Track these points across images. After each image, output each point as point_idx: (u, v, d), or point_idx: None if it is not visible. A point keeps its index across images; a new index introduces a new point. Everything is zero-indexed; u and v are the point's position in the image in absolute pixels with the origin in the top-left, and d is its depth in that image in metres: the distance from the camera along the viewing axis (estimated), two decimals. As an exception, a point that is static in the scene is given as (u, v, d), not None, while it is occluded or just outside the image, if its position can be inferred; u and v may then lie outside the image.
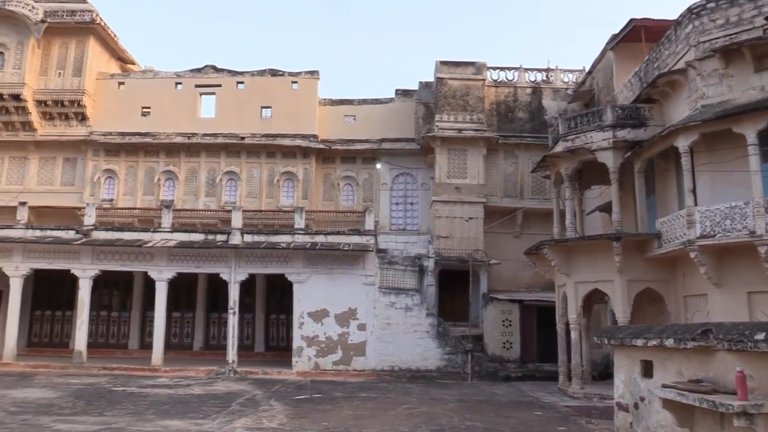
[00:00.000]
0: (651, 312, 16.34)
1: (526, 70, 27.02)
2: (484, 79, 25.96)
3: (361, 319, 20.53)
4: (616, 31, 20.41)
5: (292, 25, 72.64)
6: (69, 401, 13.42)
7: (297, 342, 20.52)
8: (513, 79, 26.86)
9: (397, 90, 27.67)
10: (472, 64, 25.93)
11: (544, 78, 26.92)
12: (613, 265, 15.73)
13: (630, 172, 16.65)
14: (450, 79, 25.65)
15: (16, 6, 26.00)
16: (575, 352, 17.17)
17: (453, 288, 23.56)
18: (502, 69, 26.95)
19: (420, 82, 27.58)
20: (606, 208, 19.34)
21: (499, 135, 25.39)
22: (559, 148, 17.73)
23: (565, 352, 17.99)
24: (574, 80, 26.59)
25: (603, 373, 19.02)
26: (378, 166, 26.75)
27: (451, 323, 21.63)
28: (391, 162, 26.84)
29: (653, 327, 8.17)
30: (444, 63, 25.87)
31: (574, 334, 17.21)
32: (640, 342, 7.92)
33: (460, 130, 25.04)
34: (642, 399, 8.11)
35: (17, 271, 21.17)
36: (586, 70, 24.70)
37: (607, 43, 21.19)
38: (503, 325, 21.48)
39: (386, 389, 17.07)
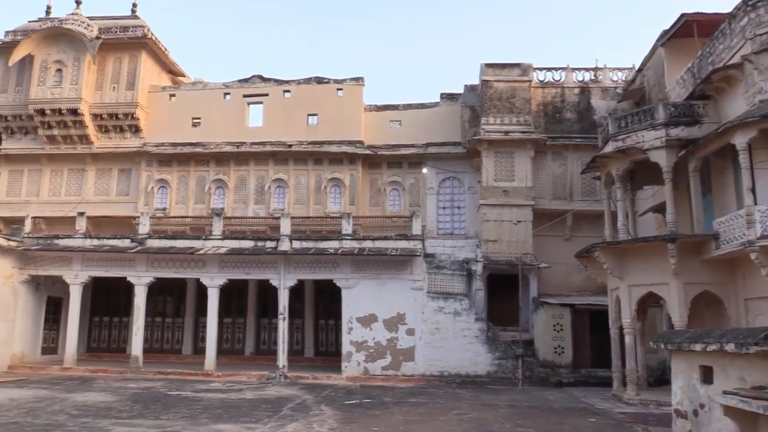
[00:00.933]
0: (709, 316, 15.80)
1: (574, 69, 26.52)
2: (530, 81, 25.59)
3: (409, 324, 20.49)
4: (667, 27, 19.86)
5: (336, 32, 73.44)
6: (127, 405, 13.81)
7: (346, 347, 20.62)
8: (560, 79, 26.39)
9: (442, 94, 27.58)
10: (517, 65, 25.63)
11: (592, 77, 26.36)
12: (669, 268, 15.25)
13: (684, 171, 16.13)
14: (495, 81, 25.39)
15: (72, 24, 27.15)
16: (630, 357, 16.71)
17: (502, 292, 23.28)
18: (548, 69, 26.49)
19: (465, 86, 27.38)
20: (659, 209, 18.80)
21: (546, 136, 24.99)
22: (610, 148, 17.34)
23: (619, 357, 17.57)
24: (623, 78, 25.94)
25: (659, 378, 18.48)
26: (424, 170, 26.65)
27: (500, 328, 21.34)
28: (438, 166, 26.71)
29: (712, 331, 7.90)
30: (489, 65, 25.63)
31: (628, 339, 16.78)
32: (698, 347, 7.66)
33: (506, 133, 24.77)
34: (702, 406, 7.84)
35: (77, 279, 21.99)
36: (636, 68, 24.04)
37: (658, 40, 20.61)
38: (554, 329, 21.09)
39: (436, 395, 16.97)
